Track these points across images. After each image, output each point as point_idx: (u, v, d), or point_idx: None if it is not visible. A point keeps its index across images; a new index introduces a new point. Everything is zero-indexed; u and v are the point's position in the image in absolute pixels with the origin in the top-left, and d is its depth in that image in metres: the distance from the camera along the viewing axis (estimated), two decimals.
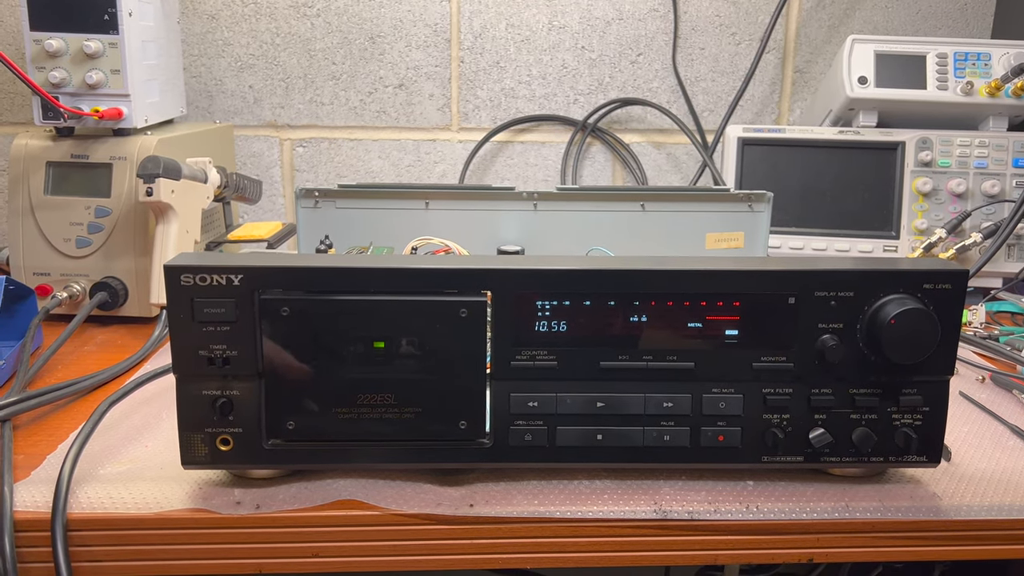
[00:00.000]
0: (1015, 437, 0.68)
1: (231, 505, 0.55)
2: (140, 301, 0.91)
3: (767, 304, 0.56)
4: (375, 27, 1.22)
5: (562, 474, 0.60)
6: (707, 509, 0.56)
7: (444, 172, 1.28)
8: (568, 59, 1.25)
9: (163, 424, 0.67)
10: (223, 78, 1.23)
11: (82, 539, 0.54)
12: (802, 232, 1.07)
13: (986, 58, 1.05)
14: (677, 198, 0.87)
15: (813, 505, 0.57)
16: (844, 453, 0.58)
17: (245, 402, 0.55)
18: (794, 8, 1.25)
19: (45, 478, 0.58)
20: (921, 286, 0.55)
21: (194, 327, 0.54)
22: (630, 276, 0.55)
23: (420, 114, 1.25)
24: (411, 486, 0.58)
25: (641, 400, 0.57)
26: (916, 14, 1.26)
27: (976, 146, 1.05)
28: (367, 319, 0.54)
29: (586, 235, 0.86)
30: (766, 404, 0.57)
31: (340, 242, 0.84)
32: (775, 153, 1.09)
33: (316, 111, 1.25)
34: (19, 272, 0.92)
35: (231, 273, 0.53)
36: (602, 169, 1.29)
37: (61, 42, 0.89)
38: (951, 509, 0.57)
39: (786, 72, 1.28)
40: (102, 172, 0.91)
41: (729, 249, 0.88)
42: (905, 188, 1.05)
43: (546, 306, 0.55)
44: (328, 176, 1.27)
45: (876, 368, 0.56)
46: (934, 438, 0.58)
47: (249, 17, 1.21)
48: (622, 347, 0.56)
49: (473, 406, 0.56)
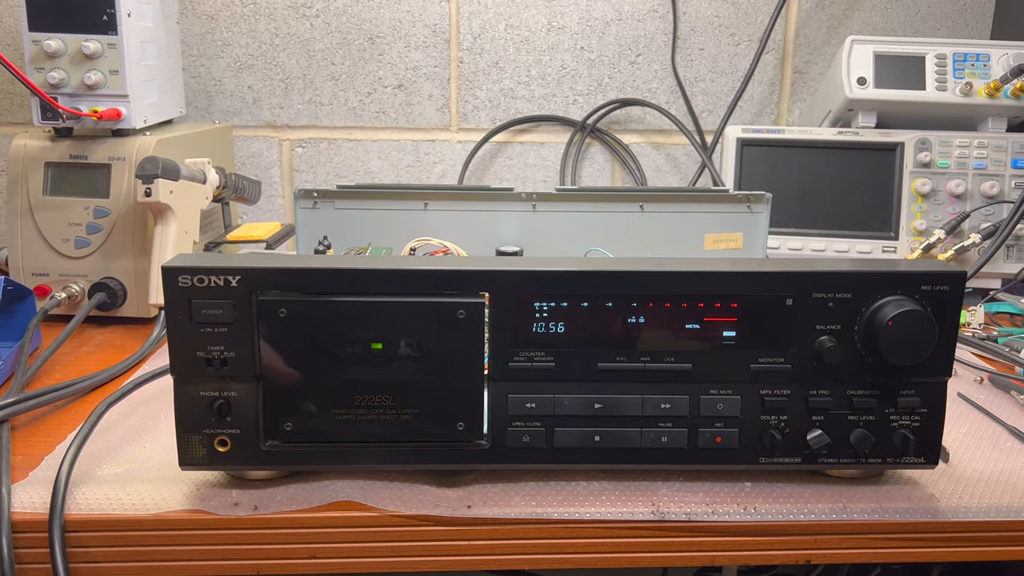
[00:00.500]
0: (1013, 438, 0.68)
1: (229, 506, 0.55)
2: (138, 302, 0.91)
3: (765, 305, 0.56)
4: (374, 28, 1.22)
5: (560, 475, 0.60)
6: (705, 510, 0.56)
7: (443, 173, 1.28)
8: (567, 60, 1.25)
9: (161, 425, 0.67)
10: (222, 78, 1.23)
11: (80, 540, 0.54)
12: (801, 233, 1.07)
13: (985, 59, 1.05)
14: (676, 199, 0.87)
15: (811, 506, 0.57)
16: (842, 454, 0.58)
17: (243, 403, 0.55)
18: (793, 9, 1.25)
19: (43, 479, 0.58)
20: (919, 288, 0.55)
21: (192, 328, 0.54)
22: (628, 277, 0.55)
23: (419, 115, 1.25)
24: (409, 487, 0.58)
25: (639, 401, 0.57)
26: (915, 15, 1.26)
27: (975, 147, 1.05)
28: (365, 320, 0.54)
29: (585, 236, 0.86)
30: (764, 405, 0.57)
31: (339, 243, 0.84)
32: (774, 154, 1.09)
33: (315, 111, 1.25)
34: (18, 272, 0.92)
35: (229, 274, 0.53)
36: (601, 170, 1.29)
37: (60, 43, 0.89)
38: (949, 510, 0.57)
39: (785, 73, 1.28)
40: (101, 173, 0.91)
41: (728, 250, 0.88)
42: (904, 189, 1.05)
43: (544, 307, 0.55)
44: (327, 177, 1.27)
45: (874, 369, 0.56)
46: (932, 439, 0.58)
47: (248, 18, 1.21)
48: (620, 348, 0.56)
49: (471, 407, 0.56)
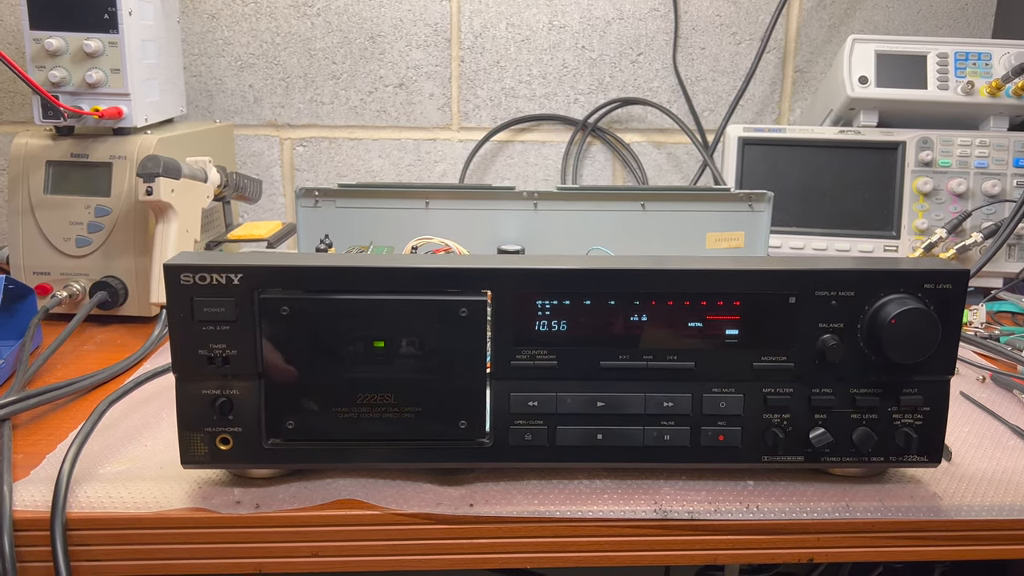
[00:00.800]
0: (1015, 437, 0.68)
1: (231, 504, 0.55)
2: (140, 300, 0.91)
3: (767, 304, 0.56)
4: (375, 26, 1.22)
5: (562, 474, 0.60)
6: (707, 509, 0.56)
7: (444, 171, 1.28)
8: (568, 59, 1.25)
9: (163, 423, 0.67)
10: (223, 77, 1.23)
11: (81, 538, 0.54)
12: (803, 232, 1.07)
13: (987, 58, 1.05)
14: (677, 198, 0.87)
15: (813, 505, 0.57)
16: (844, 453, 0.58)
17: (245, 401, 0.55)
18: (794, 8, 1.25)
19: (44, 477, 0.58)
20: (922, 286, 0.55)
21: (194, 326, 0.54)
22: (630, 276, 0.55)
23: (420, 113, 1.25)
24: (411, 486, 0.58)
25: (641, 400, 0.57)
26: (917, 14, 1.26)
27: (977, 146, 1.04)
28: (367, 319, 0.54)
29: (586, 235, 0.86)
30: (766, 404, 0.57)
31: (340, 241, 0.84)
32: (776, 153, 1.08)
33: (316, 110, 1.25)
34: (19, 271, 0.91)
35: (231, 272, 0.53)
36: (602, 168, 1.29)
37: (61, 41, 0.89)
38: (951, 509, 0.57)
39: (786, 72, 1.27)
40: (102, 171, 0.91)
41: (729, 249, 0.88)
42: (906, 188, 1.05)
43: (546, 305, 0.55)
44: (328, 175, 1.27)
45: (877, 368, 0.56)
46: (934, 438, 0.58)
47: (249, 16, 1.21)
48: (622, 347, 0.56)
49: (473, 406, 0.56)
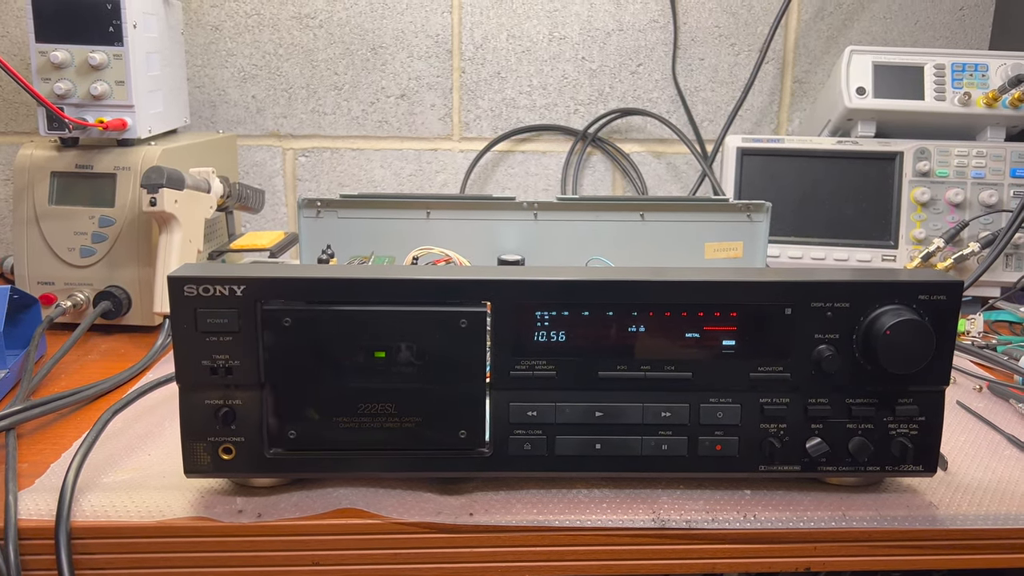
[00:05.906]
0: (1012, 446, 0.69)
1: (233, 513, 0.56)
2: (143, 310, 0.92)
3: (764, 315, 0.56)
4: (377, 38, 1.23)
5: (561, 483, 0.60)
6: (705, 518, 0.57)
7: (445, 182, 1.28)
8: (568, 70, 1.25)
9: (166, 433, 0.68)
10: (226, 88, 1.24)
11: (85, 547, 0.55)
12: (801, 241, 1.07)
13: (983, 69, 1.06)
14: (676, 208, 0.88)
15: (810, 514, 0.57)
16: (841, 462, 0.58)
17: (247, 411, 0.55)
18: (793, 19, 1.26)
19: (49, 486, 0.58)
20: (916, 297, 0.56)
21: (197, 337, 0.54)
22: (629, 287, 0.56)
23: (422, 124, 1.26)
24: (411, 495, 0.58)
25: (639, 410, 0.57)
26: (914, 25, 1.27)
27: (974, 156, 1.05)
28: (368, 330, 0.55)
29: (586, 245, 0.87)
30: (763, 414, 0.58)
31: (342, 251, 0.84)
32: (774, 163, 1.09)
33: (318, 121, 1.25)
34: (23, 281, 0.92)
35: (234, 284, 0.54)
36: (602, 179, 1.30)
37: (66, 53, 0.90)
38: (947, 518, 0.58)
39: (785, 82, 1.28)
40: (106, 182, 0.91)
41: (728, 259, 0.88)
42: (903, 198, 1.05)
43: (545, 316, 0.56)
44: (330, 185, 1.28)
45: (872, 378, 0.57)
46: (930, 447, 0.58)
47: (252, 28, 1.22)
48: (620, 357, 0.57)
49: (473, 415, 0.56)
